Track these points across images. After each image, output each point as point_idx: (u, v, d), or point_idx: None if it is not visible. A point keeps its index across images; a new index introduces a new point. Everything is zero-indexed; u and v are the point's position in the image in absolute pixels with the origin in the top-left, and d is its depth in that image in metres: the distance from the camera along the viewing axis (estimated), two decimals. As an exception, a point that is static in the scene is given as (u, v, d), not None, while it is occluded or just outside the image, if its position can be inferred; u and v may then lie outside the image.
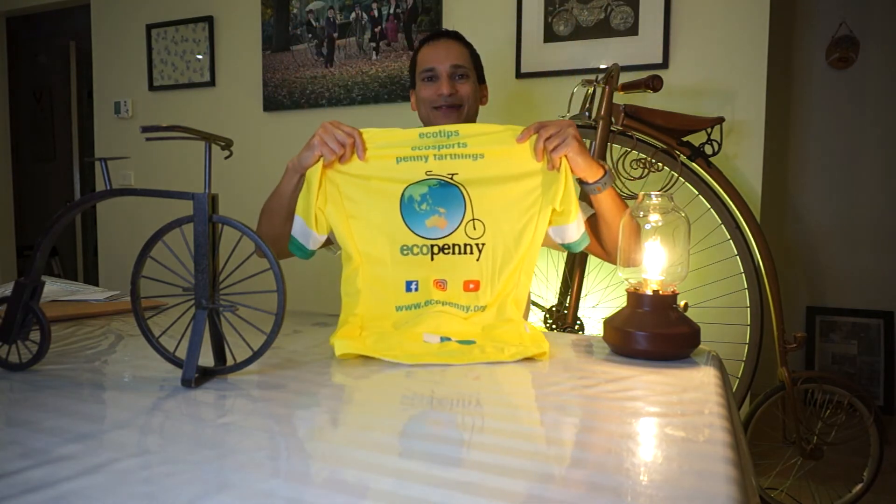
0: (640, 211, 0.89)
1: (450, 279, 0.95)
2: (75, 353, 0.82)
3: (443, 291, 0.95)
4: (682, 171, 1.65)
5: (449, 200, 0.96)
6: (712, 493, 0.42)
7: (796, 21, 2.70)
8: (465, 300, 0.95)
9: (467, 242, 0.96)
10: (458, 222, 0.96)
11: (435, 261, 0.96)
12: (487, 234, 0.96)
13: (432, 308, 0.93)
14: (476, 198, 0.96)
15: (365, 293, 0.93)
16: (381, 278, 0.95)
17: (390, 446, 0.51)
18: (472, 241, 0.96)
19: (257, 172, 2.55)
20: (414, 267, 0.95)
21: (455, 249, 0.96)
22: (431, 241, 0.96)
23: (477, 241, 0.96)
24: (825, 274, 2.74)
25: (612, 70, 1.61)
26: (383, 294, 0.94)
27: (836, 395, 1.73)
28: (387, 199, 0.96)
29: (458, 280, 0.96)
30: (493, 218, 0.96)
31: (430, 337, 0.87)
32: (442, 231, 0.96)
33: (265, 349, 0.70)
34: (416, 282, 0.95)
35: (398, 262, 0.95)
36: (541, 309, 1.73)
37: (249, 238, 0.67)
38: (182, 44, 2.71)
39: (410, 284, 0.95)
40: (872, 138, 2.64)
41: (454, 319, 0.92)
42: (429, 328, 0.88)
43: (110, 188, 0.69)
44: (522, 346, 0.83)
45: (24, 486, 0.42)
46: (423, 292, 0.95)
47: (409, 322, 0.91)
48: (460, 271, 0.96)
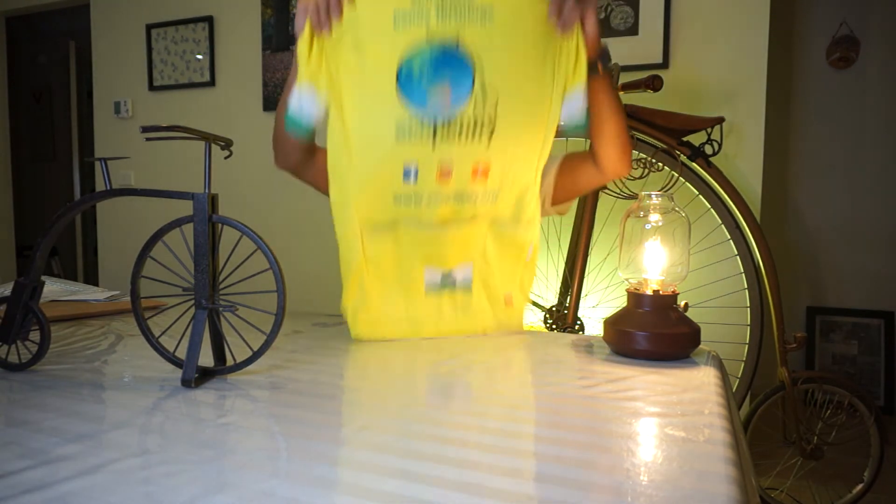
0: (641, 211, 0.89)
1: (455, 165, 0.84)
2: (75, 353, 0.82)
3: (447, 181, 0.84)
4: (682, 171, 1.65)
5: (453, 68, 0.81)
6: (712, 493, 0.42)
7: (796, 21, 2.70)
8: (471, 189, 0.86)
9: (476, 120, 0.82)
10: (464, 94, 0.81)
11: (437, 146, 0.83)
12: (499, 112, 0.83)
13: (434, 211, 0.85)
14: (484, 66, 0.81)
15: (360, 185, 0.85)
16: (376, 163, 0.84)
17: (390, 446, 0.51)
18: (481, 118, 0.82)
19: (257, 172, 2.55)
20: (413, 150, 0.83)
21: (462, 130, 0.82)
22: (433, 119, 0.81)
23: (487, 118, 0.83)
24: (825, 274, 2.74)
25: (612, 70, 1.61)
26: (380, 182, 0.84)
27: (836, 396, 1.73)
28: (381, 78, 0.81)
29: (464, 165, 0.84)
30: (504, 92, 0.82)
31: (432, 274, 0.88)
32: (445, 105, 0.82)
33: (265, 349, 0.70)
34: (415, 169, 0.83)
35: (395, 145, 0.82)
36: (541, 309, 1.73)
37: (249, 238, 0.67)
38: (182, 44, 2.71)
39: (409, 171, 0.83)
40: (872, 138, 2.64)
41: (455, 241, 0.89)
42: (429, 259, 0.88)
43: (110, 188, 0.69)
44: (502, 318, 0.94)
45: (24, 486, 0.42)
46: (423, 183, 0.84)
47: (411, 238, 0.88)
48: (467, 155, 0.84)
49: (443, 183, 0.85)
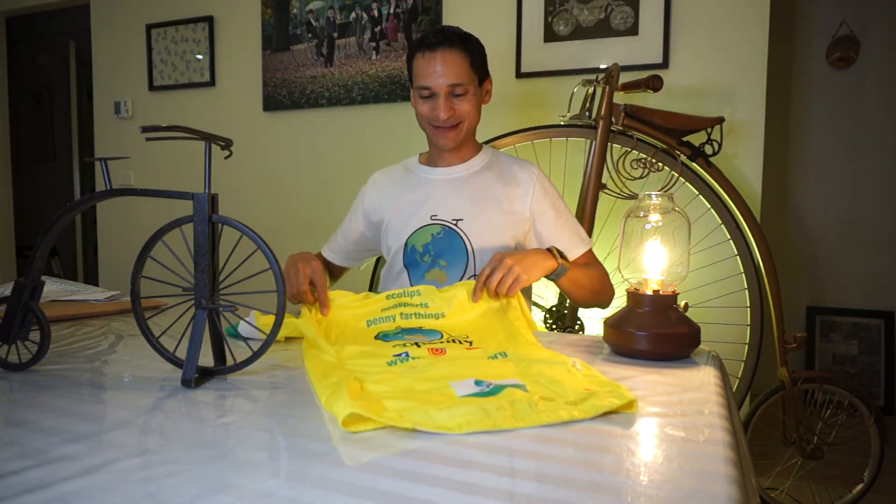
0: (641, 211, 0.89)
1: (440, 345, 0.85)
2: (75, 353, 0.82)
3: (440, 354, 0.80)
4: (682, 170, 1.65)
5: (424, 331, 0.94)
6: (712, 493, 0.42)
7: (796, 21, 2.70)
8: (469, 350, 0.83)
9: (450, 341, 0.88)
10: (437, 337, 0.90)
11: (421, 347, 0.84)
12: (473, 340, 0.89)
13: (438, 364, 0.75)
14: (450, 329, 0.96)
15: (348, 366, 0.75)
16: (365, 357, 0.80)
17: (390, 446, 0.51)
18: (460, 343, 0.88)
19: (257, 172, 2.55)
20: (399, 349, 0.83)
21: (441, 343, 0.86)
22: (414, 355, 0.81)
23: (460, 342, 0.88)
24: (825, 274, 2.74)
25: (612, 70, 1.61)
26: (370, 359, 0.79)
27: (836, 396, 1.73)
28: (360, 334, 0.92)
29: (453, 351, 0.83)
30: (475, 335, 0.92)
31: (460, 387, 0.66)
32: (424, 340, 0.89)
33: (265, 349, 0.70)
34: (406, 353, 0.80)
35: (381, 345, 0.85)
36: (541, 309, 1.73)
37: (249, 238, 0.67)
38: (182, 44, 2.71)
39: (399, 356, 0.79)
40: (872, 138, 2.64)
41: (475, 362, 0.75)
42: (451, 375, 0.70)
43: (110, 188, 0.69)
44: (595, 393, 0.63)
45: (24, 486, 0.42)
46: (415, 356, 0.79)
47: (421, 378, 0.70)
48: (452, 349, 0.83)
49: (434, 355, 0.81)
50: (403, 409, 0.58)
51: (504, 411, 0.57)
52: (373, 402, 0.59)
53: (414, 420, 0.54)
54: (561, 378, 0.68)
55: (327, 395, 0.61)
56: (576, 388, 0.64)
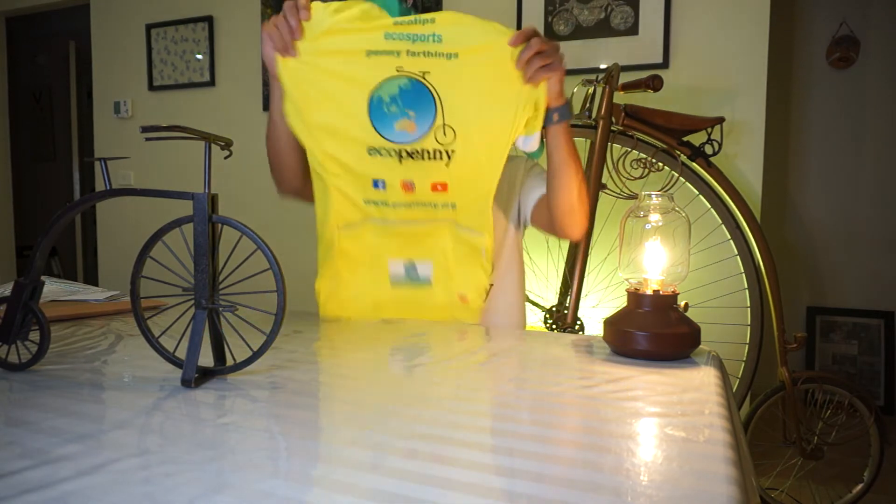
0: (641, 211, 0.89)
1: (417, 181, 0.96)
2: (75, 353, 0.82)
3: (410, 193, 0.97)
4: (682, 170, 1.65)
5: (419, 103, 0.92)
6: (712, 493, 0.42)
7: (796, 21, 2.70)
8: (432, 198, 0.98)
9: (437, 148, 0.94)
10: (427, 127, 0.93)
11: (403, 164, 0.95)
12: (458, 142, 0.94)
13: (400, 212, 0.97)
14: (448, 102, 0.92)
15: (337, 191, 0.97)
16: (349, 175, 0.96)
17: (390, 446, 0.51)
18: (442, 147, 0.94)
19: (257, 172, 2.55)
20: (381, 167, 0.96)
21: (424, 155, 0.95)
22: (399, 145, 0.94)
23: (447, 147, 0.95)
24: (825, 274, 2.74)
25: (612, 70, 1.61)
26: (352, 189, 0.97)
27: (836, 396, 1.73)
28: (354, 102, 0.92)
29: (425, 182, 0.96)
30: (464, 126, 0.94)
31: (396, 265, 0.98)
32: (411, 135, 0.94)
33: (265, 349, 0.70)
34: (384, 181, 0.97)
35: (365, 161, 0.95)
36: (541, 309, 1.73)
37: (249, 238, 0.67)
38: (182, 44, 2.71)
39: (378, 182, 0.97)
40: (872, 138, 2.64)
41: (417, 236, 0.98)
42: (394, 251, 0.98)
43: (110, 188, 0.69)
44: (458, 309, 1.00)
45: (24, 486, 0.42)
46: (390, 192, 0.97)
47: (379, 232, 0.98)
48: (428, 174, 0.96)
49: (407, 193, 0.97)
50: (353, 304, 1.03)
51: (400, 306, 1.02)
52: (339, 307, 1.05)
53: (352, 315, 1.03)
54: (461, 270, 1.02)
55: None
56: (456, 290, 1.02)
